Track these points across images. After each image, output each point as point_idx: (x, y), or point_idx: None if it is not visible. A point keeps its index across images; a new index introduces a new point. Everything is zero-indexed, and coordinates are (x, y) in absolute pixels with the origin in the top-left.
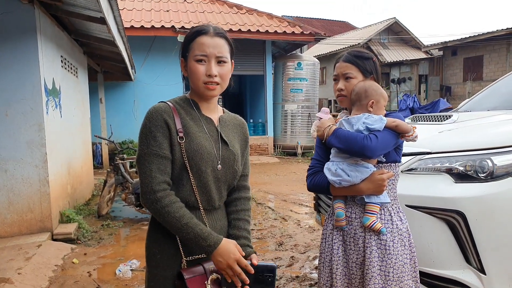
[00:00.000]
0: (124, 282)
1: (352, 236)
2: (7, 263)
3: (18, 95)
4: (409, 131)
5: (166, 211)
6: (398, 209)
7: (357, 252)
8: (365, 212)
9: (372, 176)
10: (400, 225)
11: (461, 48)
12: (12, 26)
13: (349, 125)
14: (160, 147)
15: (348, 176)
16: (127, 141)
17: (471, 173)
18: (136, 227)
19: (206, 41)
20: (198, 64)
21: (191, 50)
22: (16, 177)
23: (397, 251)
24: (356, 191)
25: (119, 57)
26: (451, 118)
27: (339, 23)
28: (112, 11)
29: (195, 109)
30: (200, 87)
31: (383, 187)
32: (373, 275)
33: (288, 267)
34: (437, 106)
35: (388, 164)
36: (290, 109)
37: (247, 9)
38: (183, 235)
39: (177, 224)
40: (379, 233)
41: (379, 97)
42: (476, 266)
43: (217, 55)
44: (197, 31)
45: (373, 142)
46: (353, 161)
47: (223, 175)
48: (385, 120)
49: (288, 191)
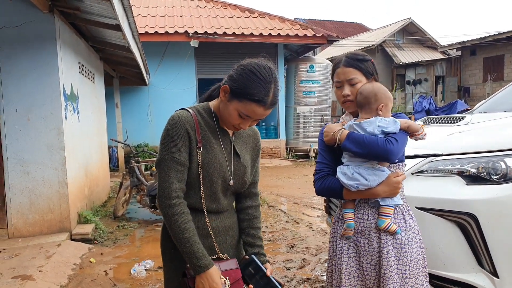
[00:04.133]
0: (138, 282)
1: (367, 238)
2: (29, 261)
3: (38, 100)
4: (419, 130)
5: (175, 219)
6: (408, 207)
7: (372, 253)
8: (380, 215)
9: (388, 179)
10: (412, 223)
11: (480, 48)
12: (33, 35)
13: (361, 129)
14: (180, 155)
15: (366, 180)
16: (142, 144)
17: (484, 175)
18: (151, 228)
19: (258, 112)
20: (238, 117)
21: (241, 103)
22: (37, 179)
23: (412, 248)
24: (372, 194)
25: (134, 63)
26: (464, 120)
27: (353, 24)
28: (127, 18)
29: (215, 121)
30: (228, 125)
31: (398, 189)
32: (391, 275)
33: (299, 269)
34: (455, 107)
35: (396, 164)
36: (302, 111)
37: (259, 13)
38: (180, 246)
39: (179, 235)
40: (394, 234)
41: (387, 100)
42: (489, 269)
43: (259, 119)
44: (258, 100)
45: (395, 145)
46: (370, 164)
47: (232, 186)
48: (398, 122)
49: (300, 194)
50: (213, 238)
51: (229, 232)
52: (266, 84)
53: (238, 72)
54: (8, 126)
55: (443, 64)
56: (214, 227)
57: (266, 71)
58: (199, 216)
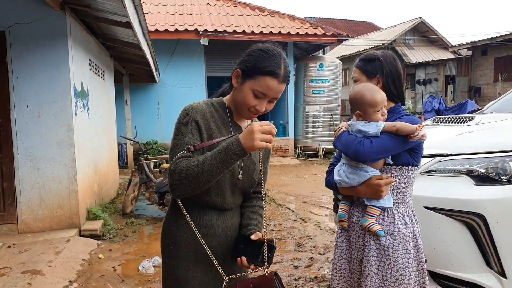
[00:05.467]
0: (146, 278)
1: (355, 233)
2: (39, 256)
3: (49, 97)
4: (414, 132)
5: (184, 164)
6: (405, 212)
7: (358, 249)
8: (365, 214)
9: (369, 180)
10: (403, 229)
11: (491, 48)
12: (44, 32)
13: (351, 129)
14: (190, 137)
15: (347, 178)
16: (151, 141)
17: (493, 175)
18: (159, 225)
19: (273, 86)
20: (254, 97)
21: (254, 80)
22: (47, 175)
23: (397, 254)
24: (355, 193)
25: (144, 60)
26: (473, 120)
27: (363, 23)
28: (138, 15)
29: (228, 115)
30: (244, 111)
31: (380, 192)
32: (369, 273)
33: (307, 268)
34: (465, 107)
35: (398, 167)
36: (311, 110)
37: (269, 11)
38: (213, 165)
39: (200, 167)
40: (376, 236)
41: (364, 106)
42: (497, 269)
43: (273, 96)
44: (270, 71)
45: (366, 146)
46: (354, 164)
47: (240, 183)
48: (382, 125)
49: (309, 193)
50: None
51: (230, 233)
52: (276, 58)
53: (247, 55)
54: (19, 123)
55: (454, 64)
56: (216, 225)
57: (274, 48)
58: (202, 212)
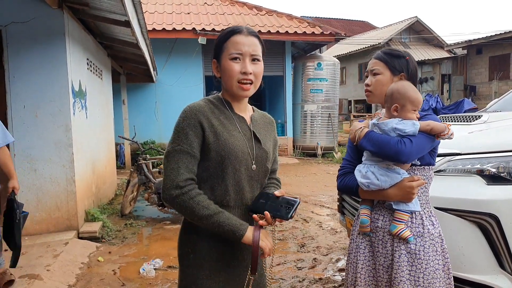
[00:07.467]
0: (148, 281)
1: (381, 239)
2: (36, 260)
3: (47, 97)
4: (444, 131)
5: (196, 201)
6: (430, 213)
7: (385, 255)
8: (393, 220)
9: (402, 182)
10: (432, 230)
11: (486, 47)
12: (42, 31)
13: (379, 129)
14: (190, 146)
15: (378, 180)
16: (149, 141)
17: (505, 175)
18: (159, 227)
19: (241, 40)
20: (233, 62)
21: (225, 50)
22: (45, 176)
23: (428, 256)
24: (383, 196)
25: (141, 59)
26: (481, 119)
27: (359, 23)
28: (137, 14)
29: (228, 108)
30: (234, 86)
31: (412, 195)
32: (401, 280)
33: (311, 269)
34: (461, 106)
35: (421, 167)
36: (309, 109)
37: (267, 11)
38: (211, 228)
39: (205, 212)
40: (406, 241)
41: (404, 101)
42: (511, 271)
43: (252, 53)
44: (231, 31)
45: (408, 146)
46: (385, 165)
47: (256, 174)
48: (417, 124)
49: (309, 192)
50: None
51: None
52: (235, 27)
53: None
54: (15, 123)
55: (449, 62)
56: None
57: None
58: (225, 209)
